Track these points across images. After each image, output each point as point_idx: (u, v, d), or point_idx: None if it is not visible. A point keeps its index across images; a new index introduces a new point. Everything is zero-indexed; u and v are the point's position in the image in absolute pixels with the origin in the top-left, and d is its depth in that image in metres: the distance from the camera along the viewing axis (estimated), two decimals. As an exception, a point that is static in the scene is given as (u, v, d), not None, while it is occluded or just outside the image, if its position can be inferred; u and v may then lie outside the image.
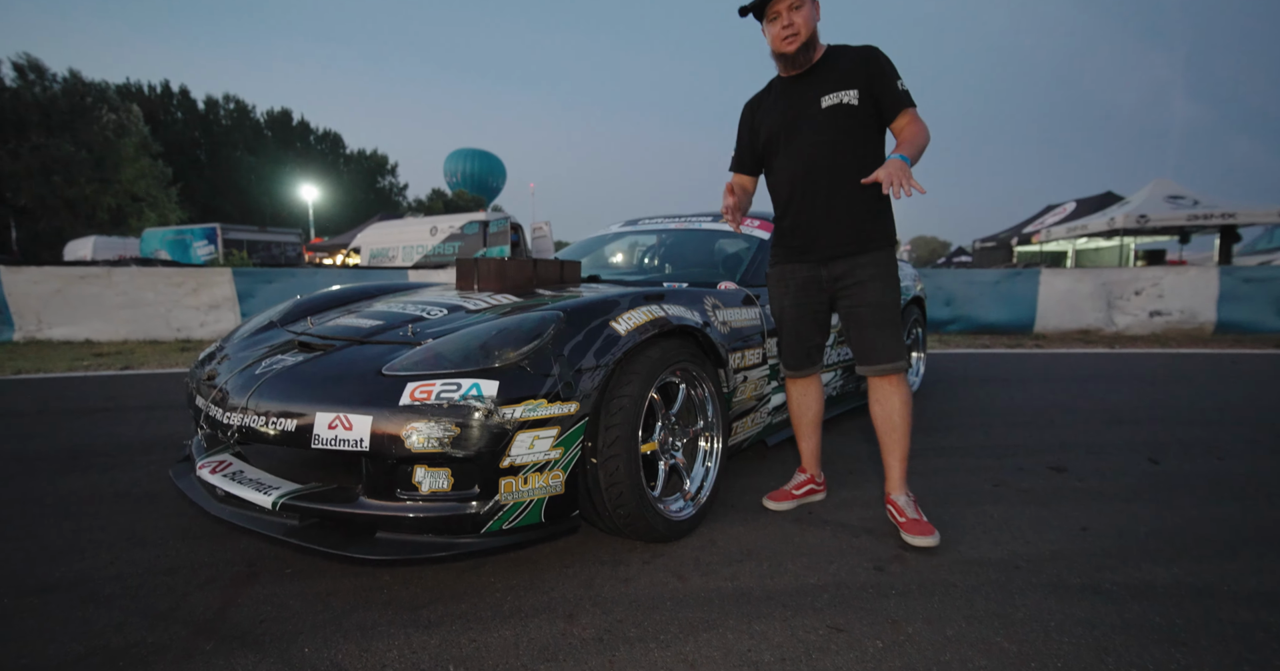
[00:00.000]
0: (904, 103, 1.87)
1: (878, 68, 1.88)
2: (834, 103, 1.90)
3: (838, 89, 1.90)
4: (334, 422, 1.55)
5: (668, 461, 1.99)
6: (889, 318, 1.96)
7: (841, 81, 1.90)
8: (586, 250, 3.44)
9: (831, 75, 1.92)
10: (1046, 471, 2.59)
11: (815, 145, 1.94)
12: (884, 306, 1.96)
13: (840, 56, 1.94)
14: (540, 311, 1.81)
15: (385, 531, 1.54)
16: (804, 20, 1.87)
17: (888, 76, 1.87)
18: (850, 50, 1.95)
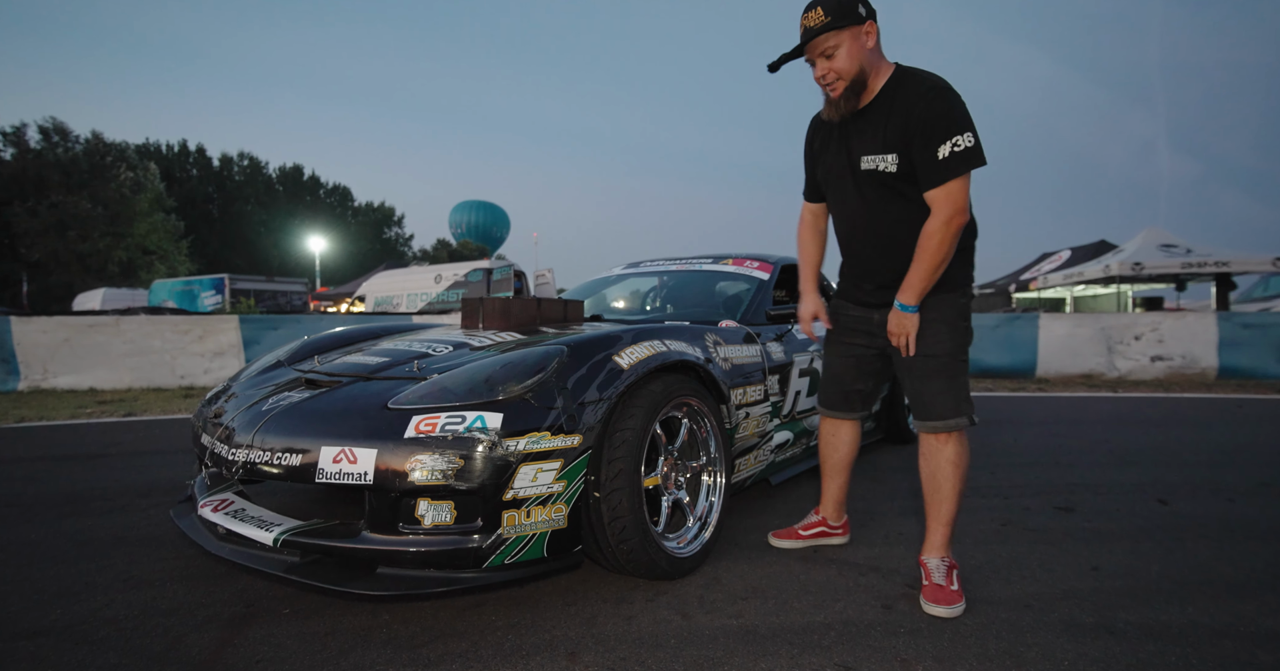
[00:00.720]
0: (936, 178, 1.57)
1: (923, 129, 1.58)
2: (871, 167, 1.69)
3: (877, 150, 1.67)
4: (339, 456, 1.56)
5: (671, 497, 1.98)
6: (945, 367, 1.72)
7: (885, 140, 1.65)
8: (589, 292, 3.51)
9: (879, 126, 1.66)
10: (1054, 511, 2.56)
11: (858, 206, 1.78)
12: (939, 355, 1.72)
13: (897, 97, 1.64)
14: (544, 346, 1.85)
15: (386, 567, 1.52)
16: (845, 62, 1.62)
17: (932, 141, 1.56)
18: (908, 91, 1.62)
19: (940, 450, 1.75)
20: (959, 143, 1.55)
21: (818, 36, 1.62)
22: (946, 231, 1.60)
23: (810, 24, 1.62)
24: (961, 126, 1.56)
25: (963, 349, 1.75)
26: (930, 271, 1.65)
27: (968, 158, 1.56)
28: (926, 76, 1.64)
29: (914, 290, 1.69)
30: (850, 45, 1.62)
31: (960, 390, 1.73)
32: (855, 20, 1.61)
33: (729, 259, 3.26)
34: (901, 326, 1.76)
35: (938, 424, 1.73)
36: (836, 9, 1.60)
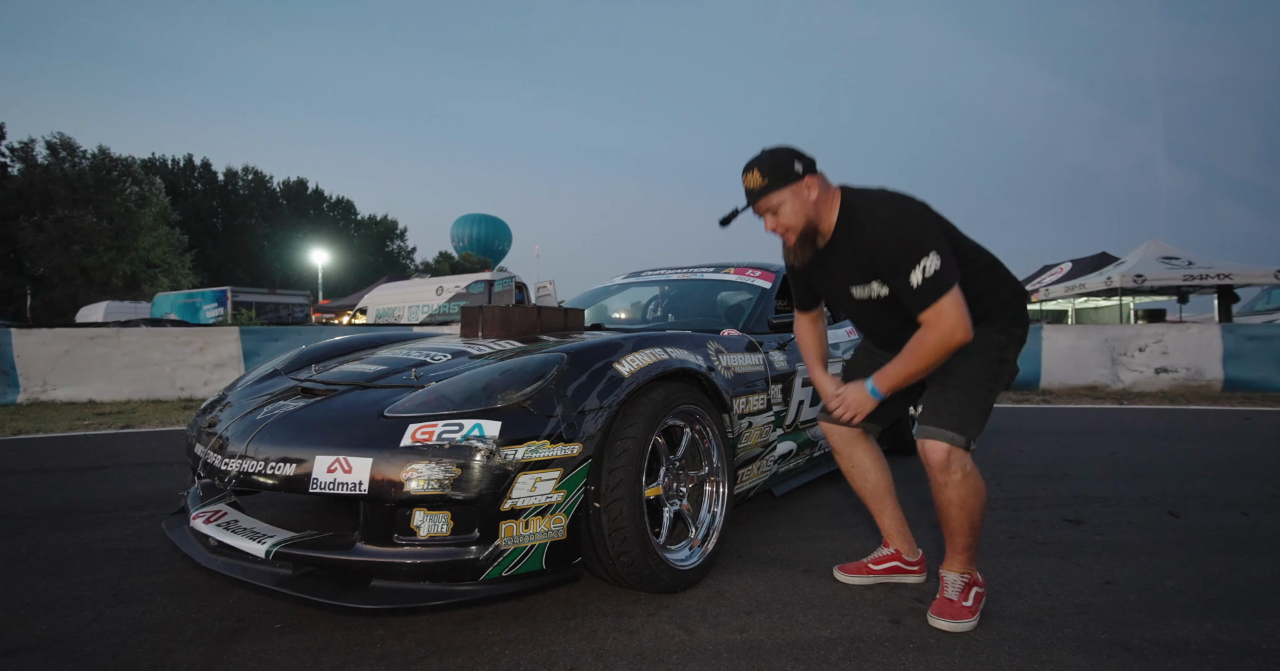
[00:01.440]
0: (918, 305, 1.54)
1: (888, 261, 1.56)
2: (865, 296, 1.70)
3: (862, 280, 1.67)
4: (333, 465, 1.53)
5: (673, 507, 1.94)
6: (967, 386, 1.64)
7: (863, 270, 1.65)
8: (590, 301, 3.49)
9: (851, 260, 1.67)
10: (1063, 524, 2.51)
11: (868, 315, 1.78)
12: (963, 375, 1.65)
13: (854, 233, 1.64)
14: (544, 353, 1.82)
15: (381, 579, 1.48)
16: (790, 218, 1.65)
17: (899, 272, 1.54)
18: (861, 227, 1.62)
19: (943, 487, 1.62)
20: (927, 267, 1.51)
21: (759, 199, 1.66)
22: (942, 348, 1.56)
23: (750, 186, 1.66)
24: (923, 249, 1.52)
25: (992, 377, 1.66)
26: (914, 374, 1.62)
27: (940, 279, 1.51)
28: (873, 206, 1.62)
29: (890, 382, 1.65)
30: (792, 202, 1.64)
31: (972, 411, 1.63)
32: (793, 179, 1.63)
33: (731, 268, 3.24)
34: (859, 405, 1.72)
35: (931, 429, 1.62)
36: (772, 172, 1.63)
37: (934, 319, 1.54)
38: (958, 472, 1.61)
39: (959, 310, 1.52)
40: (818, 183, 1.66)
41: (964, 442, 1.60)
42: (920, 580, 1.94)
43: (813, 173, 1.66)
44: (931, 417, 1.64)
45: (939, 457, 1.61)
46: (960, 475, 1.61)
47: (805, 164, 1.65)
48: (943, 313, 1.52)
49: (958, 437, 1.60)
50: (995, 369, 1.68)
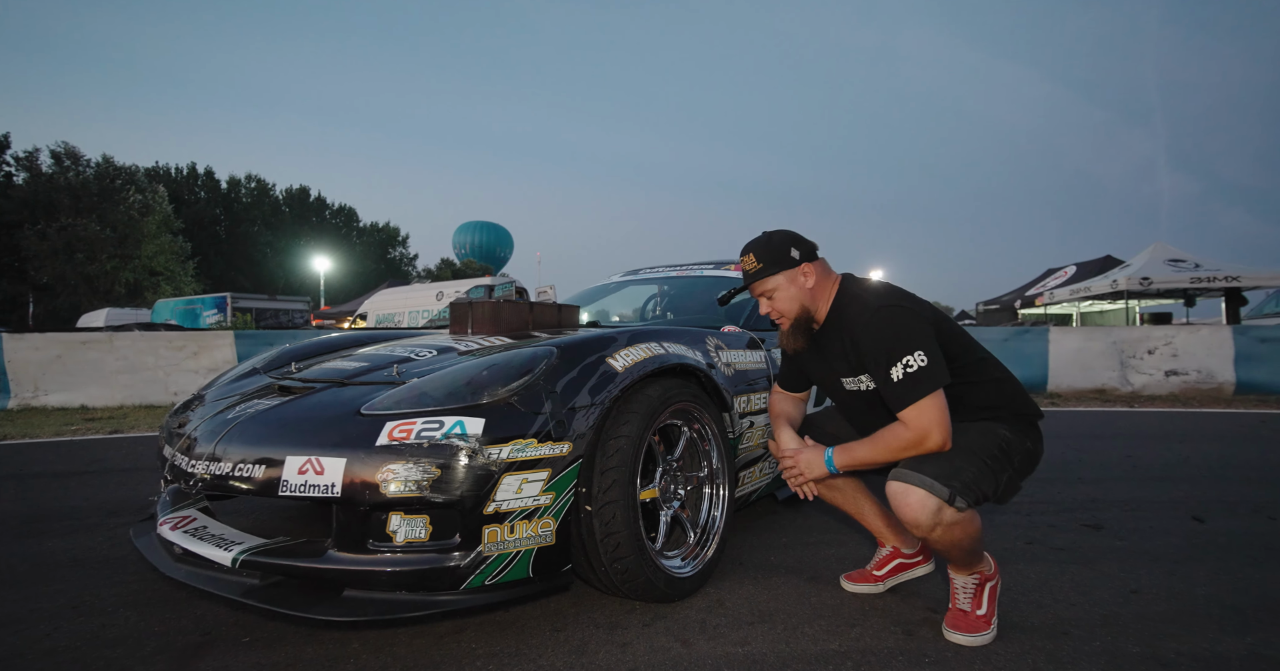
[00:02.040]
0: (897, 402, 1.46)
1: (872, 354, 1.50)
2: (855, 388, 1.64)
3: (851, 372, 1.62)
4: (304, 467, 1.43)
5: (670, 511, 1.83)
6: (958, 446, 1.47)
7: (850, 363, 1.60)
8: (587, 300, 3.39)
9: (842, 350, 1.62)
10: (1081, 529, 2.39)
11: (858, 407, 1.69)
12: (969, 434, 1.52)
13: (844, 323, 1.59)
14: (532, 347, 1.72)
15: (354, 589, 1.37)
16: (785, 304, 1.63)
17: (880, 365, 1.48)
18: (851, 318, 1.57)
19: (925, 538, 1.45)
20: (910, 363, 1.44)
21: (754, 281, 1.66)
22: (914, 447, 1.46)
23: (746, 269, 1.67)
24: (908, 346, 1.45)
25: (997, 450, 1.51)
26: (877, 462, 1.52)
27: (921, 378, 1.43)
28: (868, 298, 1.57)
29: (850, 460, 1.54)
30: (786, 288, 1.63)
31: (964, 465, 1.44)
32: (788, 265, 1.62)
33: (731, 264, 3.14)
34: (810, 469, 1.60)
35: (907, 473, 1.43)
36: (768, 257, 1.62)
37: (912, 418, 1.45)
38: (938, 527, 1.41)
39: (939, 413, 1.43)
40: (815, 270, 1.63)
41: (947, 494, 1.38)
42: (929, 569, 1.87)
43: (811, 260, 1.64)
44: (910, 464, 1.47)
45: (912, 512, 1.41)
46: (942, 528, 1.41)
47: (804, 250, 1.64)
48: (922, 413, 1.43)
49: (938, 486, 1.39)
50: (999, 443, 1.52)
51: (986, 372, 1.61)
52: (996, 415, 1.58)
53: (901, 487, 1.44)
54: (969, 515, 1.44)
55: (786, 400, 1.84)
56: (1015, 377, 1.65)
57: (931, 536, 1.44)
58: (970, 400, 1.57)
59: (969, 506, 1.42)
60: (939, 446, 1.45)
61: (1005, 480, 1.52)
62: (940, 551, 1.50)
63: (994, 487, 1.49)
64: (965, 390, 1.56)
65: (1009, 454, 1.54)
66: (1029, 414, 1.60)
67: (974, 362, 1.59)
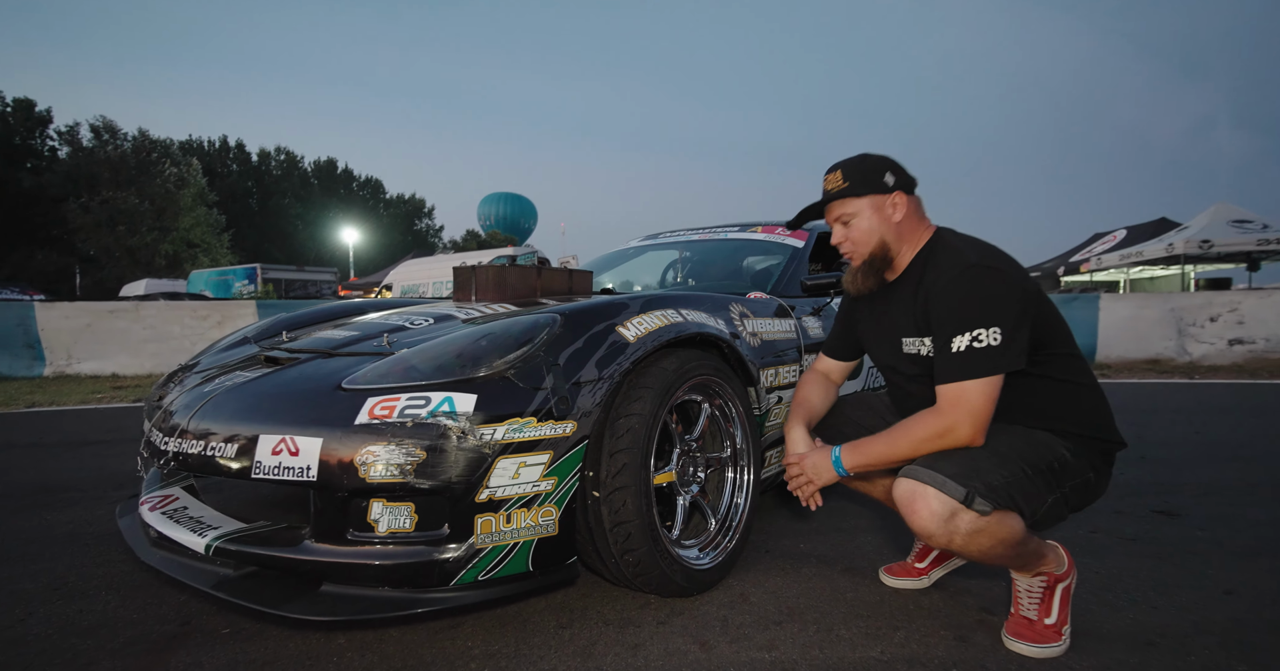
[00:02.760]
0: (946, 373, 1.25)
1: (941, 311, 1.28)
2: (913, 352, 1.40)
3: (914, 332, 1.38)
4: (278, 447, 1.28)
5: (688, 496, 1.66)
6: (991, 447, 1.26)
7: (916, 322, 1.37)
8: (603, 266, 3.19)
9: (909, 305, 1.39)
10: (1153, 516, 2.14)
11: (907, 386, 1.47)
12: (1002, 437, 1.29)
13: (925, 273, 1.36)
14: (534, 314, 1.53)
15: (333, 583, 1.23)
16: (861, 235, 1.40)
17: (946, 326, 1.26)
18: (937, 268, 1.33)
19: (945, 547, 1.23)
20: (980, 337, 1.22)
21: (833, 201, 1.43)
22: (938, 438, 1.25)
23: (828, 187, 1.44)
24: (988, 317, 1.23)
25: (1042, 463, 1.27)
26: (893, 459, 1.31)
27: (983, 357, 1.22)
28: (966, 251, 1.32)
29: (861, 460, 1.33)
30: (870, 216, 1.40)
31: (994, 467, 1.22)
32: (878, 189, 1.39)
33: (758, 226, 2.89)
34: (815, 474, 1.39)
35: (919, 470, 1.22)
36: (856, 176, 1.40)
37: (948, 398, 1.25)
38: (956, 537, 1.19)
39: (981, 403, 1.22)
40: (906, 205, 1.40)
41: (962, 495, 1.16)
42: None
43: (906, 192, 1.41)
44: (924, 460, 1.25)
45: (920, 520, 1.19)
46: (962, 537, 1.19)
47: (900, 179, 1.41)
48: (962, 395, 1.23)
49: (952, 485, 1.17)
50: (1051, 459, 1.29)
51: (1069, 373, 1.36)
52: (1062, 429, 1.33)
53: (908, 488, 1.22)
54: (995, 519, 1.18)
55: (817, 382, 1.63)
56: (1103, 392, 1.39)
57: (952, 548, 1.22)
58: (1037, 401, 1.33)
59: (994, 509, 1.18)
60: (966, 441, 1.24)
61: (1048, 504, 1.27)
62: (974, 561, 1.29)
63: (1030, 505, 1.24)
64: (1036, 385, 1.33)
65: (1060, 476, 1.29)
66: (1105, 440, 1.35)
67: (1060, 357, 1.34)
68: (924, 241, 1.42)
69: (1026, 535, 1.26)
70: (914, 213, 1.42)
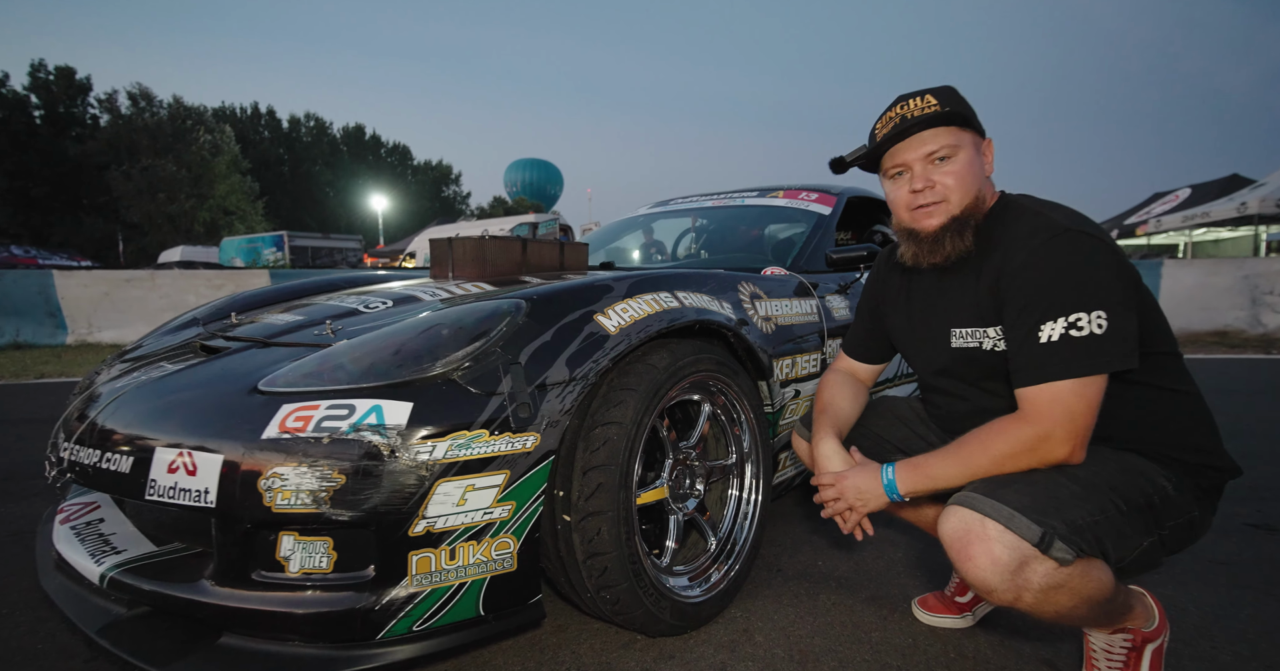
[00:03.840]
0: (1032, 372, 0.97)
1: (1022, 291, 0.99)
2: (968, 345, 1.11)
3: (974, 320, 1.09)
4: (175, 462, 1.06)
5: (681, 514, 1.40)
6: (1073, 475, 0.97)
7: (982, 306, 1.07)
8: (607, 237, 2.90)
9: (971, 283, 1.09)
10: (1248, 531, 1.82)
11: (957, 396, 1.18)
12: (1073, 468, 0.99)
13: (995, 240, 1.07)
14: (496, 300, 1.27)
15: (233, 635, 1.02)
16: (959, 178, 1.07)
17: (1031, 311, 0.97)
18: (1012, 231, 1.05)
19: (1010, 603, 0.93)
20: (1082, 323, 0.94)
21: (925, 129, 1.08)
22: (1030, 454, 0.97)
23: (908, 112, 1.08)
24: (1090, 298, 0.95)
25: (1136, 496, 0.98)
26: (966, 478, 1.01)
27: (1086, 349, 0.94)
28: (1054, 216, 1.03)
29: (923, 481, 1.04)
30: (972, 155, 1.09)
31: (1078, 501, 0.94)
32: (978, 127, 1.11)
33: (779, 190, 2.55)
34: (861, 499, 1.10)
35: (979, 500, 0.93)
36: (956, 103, 1.08)
37: (1039, 402, 0.96)
38: (1026, 593, 0.90)
39: (1082, 407, 0.94)
40: (991, 156, 1.14)
41: (1037, 536, 0.88)
42: None
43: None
44: (984, 486, 0.96)
45: (978, 569, 0.91)
46: (1034, 594, 0.90)
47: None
48: (1058, 399, 0.95)
49: (1022, 522, 0.89)
50: (1147, 493, 0.99)
51: (1170, 379, 1.05)
52: (1163, 453, 1.03)
53: (961, 524, 0.94)
54: (1079, 571, 0.91)
55: (843, 383, 1.33)
56: (1207, 404, 1.08)
57: (1019, 606, 0.93)
58: (1129, 415, 1.04)
59: (1078, 557, 0.90)
60: (1063, 456, 0.96)
61: (1142, 549, 0.99)
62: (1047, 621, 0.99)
63: (1119, 550, 0.95)
64: (1129, 394, 1.03)
65: (1160, 513, 1.00)
66: (1216, 468, 1.04)
67: (1159, 357, 1.04)
68: (989, 208, 1.12)
69: (1116, 588, 0.98)
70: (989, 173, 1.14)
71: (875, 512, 1.12)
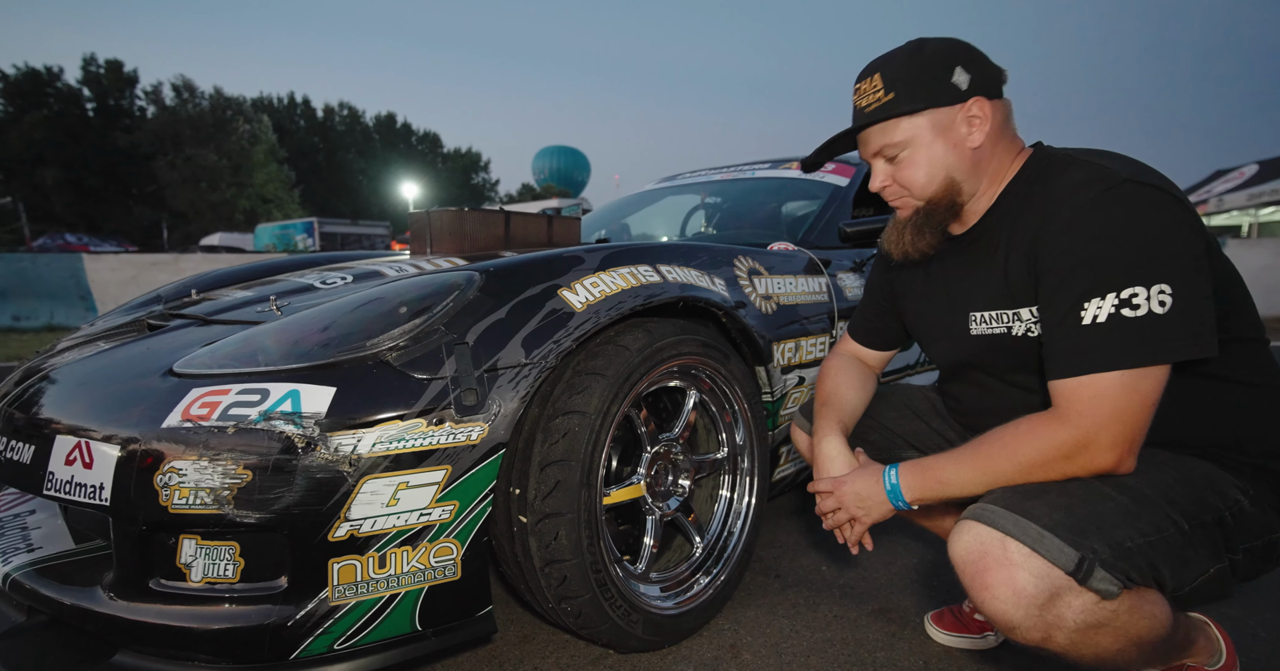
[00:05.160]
0: (1072, 360, 0.77)
1: (1059, 260, 0.80)
2: (987, 332, 0.93)
3: (999, 302, 0.91)
4: (73, 453, 0.94)
5: (659, 515, 1.24)
6: (1120, 485, 0.79)
7: (1011, 283, 0.89)
8: (610, 216, 2.72)
9: (996, 260, 0.91)
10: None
11: (980, 391, 1.01)
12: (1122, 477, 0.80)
13: (1026, 206, 0.88)
14: (448, 273, 1.12)
15: (129, 652, 0.90)
16: (916, 169, 0.91)
17: (1071, 285, 0.78)
18: (1046, 192, 0.85)
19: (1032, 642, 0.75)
20: (1136, 299, 0.74)
21: (869, 125, 0.92)
22: (1065, 461, 0.78)
23: (861, 103, 0.93)
24: (1150, 268, 0.75)
25: (1209, 509, 0.79)
26: (983, 485, 0.82)
27: (1149, 335, 0.74)
28: (1101, 165, 0.82)
29: (931, 488, 0.87)
30: (931, 144, 0.90)
31: (1126, 518, 0.75)
32: (942, 98, 0.88)
33: (793, 162, 2.34)
34: (861, 507, 0.93)
35: (999, 515, 0.75)
36: (907, 78, 0.88)
37: (1081, 399, 0.76)
38: (1057, 633, 0.72)
39: (1135, 406, 0.75)
40: (990, 115, 0.89)
41: (1073, 563, 0.70)
42: None
43: (988, 97, 0.89)
44: (1008, 497, 0.78)
45: (997, 601, 0.73)
46: (1067, 634, 0.72)
47: (978, 76, 0.89)
48: (1103, 394, 0.75)
49: (1052, 543, 0.71)
50: (1216, 506, 0.80)
51: (1251, 371, 0.85)
52: (1233, 460, 0.84)
53: (976, 542, 0.76)
54: (1127, 605, 0.72)
55: (850, 369, 1.15)
56: None
57: (1050, 647, 0.74)
58: (1196, 411, 0.84)
59: (1125, 588, 0.72)
60: (1108, 466, 0.77)
61: (1209, 575, 0.79)
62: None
63: (1178, 577, 0.76)
64: (1198, 387, 0.84)
65: (1231, 533, 0.80)
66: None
67: (1241, 345, 0.84)
68: (1015, 170, 0.92)
69: (1174, 623, 0.79)
70: (1000, 128, 0.91)
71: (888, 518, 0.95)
